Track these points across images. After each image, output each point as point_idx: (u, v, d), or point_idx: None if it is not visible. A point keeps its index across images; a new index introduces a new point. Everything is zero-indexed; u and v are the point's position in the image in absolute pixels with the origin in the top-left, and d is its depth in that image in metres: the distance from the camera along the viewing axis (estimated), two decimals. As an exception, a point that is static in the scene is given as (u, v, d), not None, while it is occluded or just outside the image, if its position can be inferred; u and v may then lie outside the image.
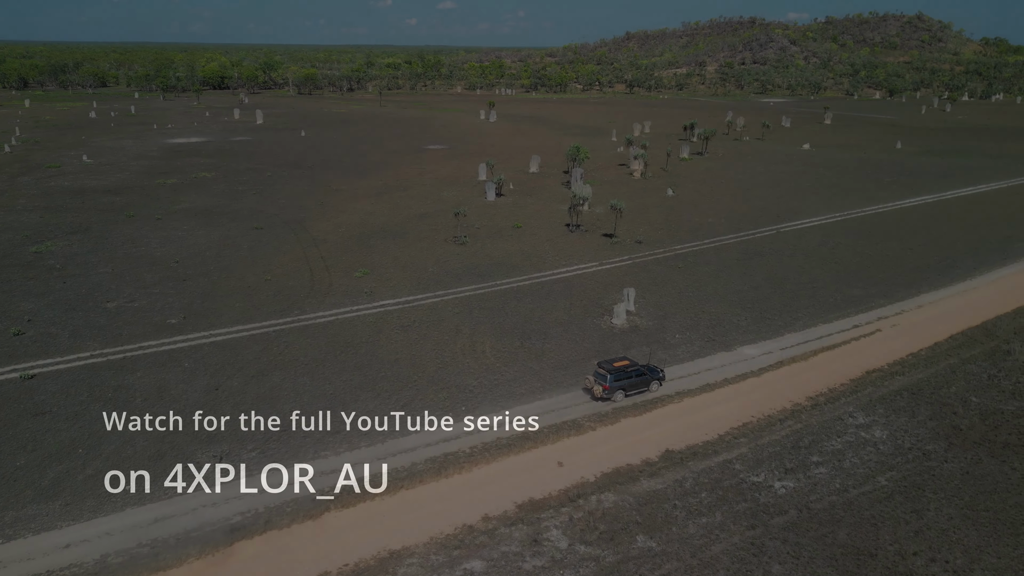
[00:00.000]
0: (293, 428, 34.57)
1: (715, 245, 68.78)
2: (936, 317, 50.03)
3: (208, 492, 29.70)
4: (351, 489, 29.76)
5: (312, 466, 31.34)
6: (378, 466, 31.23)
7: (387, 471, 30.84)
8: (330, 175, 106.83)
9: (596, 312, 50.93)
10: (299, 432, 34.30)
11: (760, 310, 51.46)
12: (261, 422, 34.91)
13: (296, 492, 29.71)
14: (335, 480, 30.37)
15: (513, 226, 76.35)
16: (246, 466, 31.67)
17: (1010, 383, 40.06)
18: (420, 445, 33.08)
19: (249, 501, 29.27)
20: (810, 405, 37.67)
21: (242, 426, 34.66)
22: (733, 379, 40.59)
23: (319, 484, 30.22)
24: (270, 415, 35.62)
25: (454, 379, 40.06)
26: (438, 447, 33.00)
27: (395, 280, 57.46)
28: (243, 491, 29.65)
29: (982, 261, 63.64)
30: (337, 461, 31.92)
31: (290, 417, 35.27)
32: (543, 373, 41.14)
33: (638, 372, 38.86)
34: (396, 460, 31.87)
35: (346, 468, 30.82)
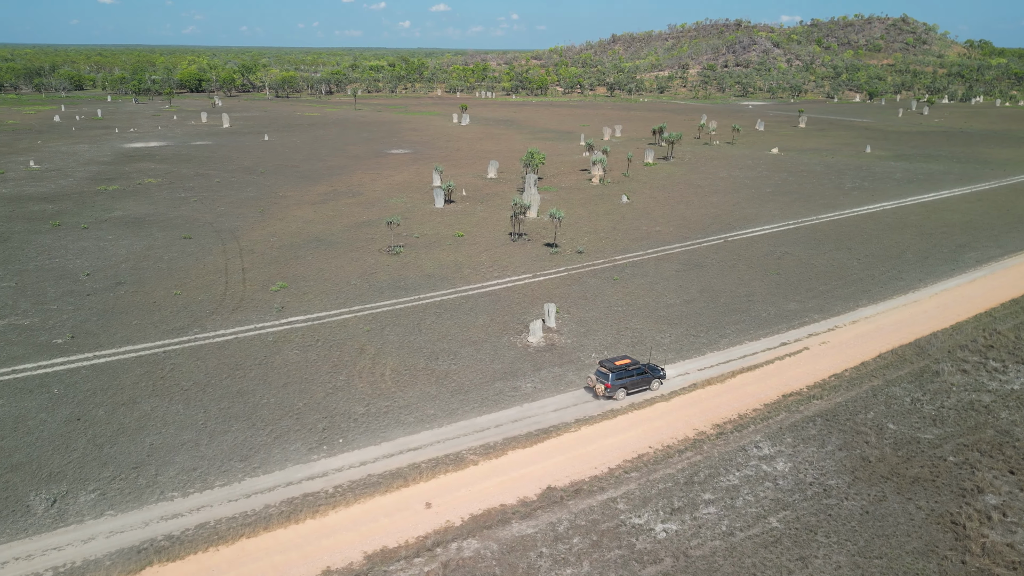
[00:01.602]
0: (142, 466, 31.75)
1: (658, 255, 66.49)
2: (869, 333, 47.78)
3: (25, 541, 26.89)
4: (185, 540, 26.90)
5: (150, 511, 28.44)
6: (224, 510, 28.36)
7: (231, 517, 27.93)
8: (281, 181, 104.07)
9: (515, 329, 48.47)
10: (148, 470, 31.46)
11: (687, 326, 49.13)
12: (112, 458, 32.13)
13: (119, 546, 26.71)
14: (172, 528, 27.53)
15: (455, 235, 73.89)
16: (78, 511, 28.84)
17: (933, 408, 37.86)
18: (280, 484, 30.43)
19: (68, 554, 26.30)
20: (715, 434, 35.29)
21: (90, 463, 31.85)
22: (640, 404, 38.18)
23: (152, 532, 27.33)
24: (125, 450, 32.79)
25: (341, 406, 37.50)
26: (299, 486, 30.35)
27: (312, 294, 54.85)
28: (59, 542, 26.67)
29: (929, 272, 61.55)
30: (183, 505, 29.01)
31: (144, 455, 32.54)
32: (439, 399, 38.63)
33: (639, 371, 39.27)
34: (248, 503, 29.20)
35: (188, 515, 27.97)
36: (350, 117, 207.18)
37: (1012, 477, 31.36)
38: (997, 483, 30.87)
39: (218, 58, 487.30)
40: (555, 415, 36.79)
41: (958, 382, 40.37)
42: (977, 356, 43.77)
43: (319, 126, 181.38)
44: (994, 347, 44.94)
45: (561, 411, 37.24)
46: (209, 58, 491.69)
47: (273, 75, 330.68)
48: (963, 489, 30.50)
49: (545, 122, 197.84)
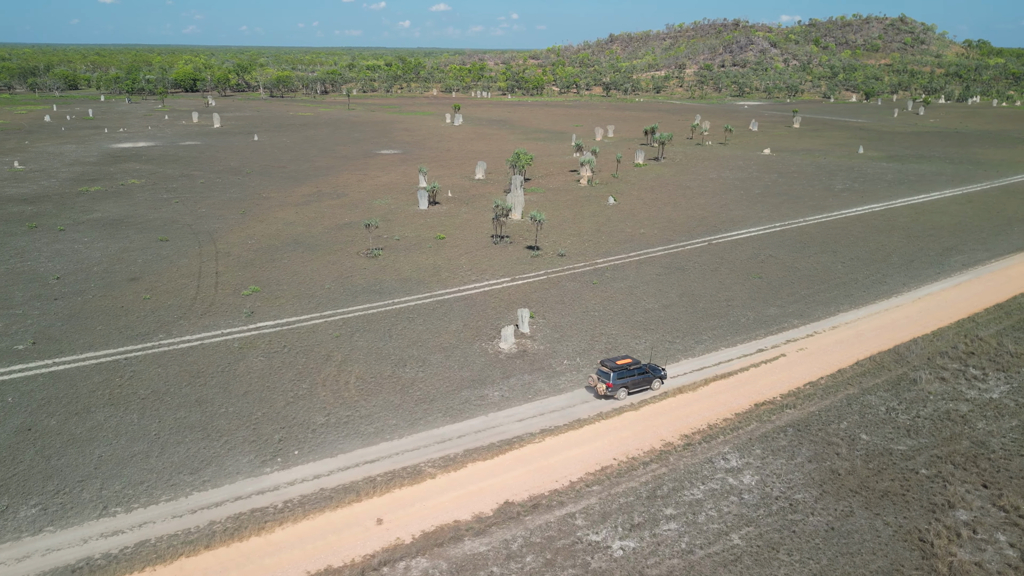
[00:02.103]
0: (88, 479, 30.69)
1: (640, 258, 65.55)
2: (848, 339, 46.81)
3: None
4: (123, 559, 25.88)
5: (91, 528, 27.37)
6: (167, 527, 27.32)
7: (173, 534, 26.91)
8: (266, 182, 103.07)
9: (488, 335, 47.52)
10: (94, 483, 30.37)
11: (663, 332, 48.21)
12: (58, 471, 31.06)
13: (54, 564, 25.63)
14: (111, 546, 26.47)
15: (436, 237, 72.95)
16: (16, 527, 27.69)
17: (908, 418, 36.94)
18: (228, 499, 29.50)
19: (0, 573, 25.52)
20: (682, 445, 34.36)
21: (35, 476, 30.80)
22: (608, 413, 37.26)
23: (90, 550, 26.29)
24: (73, 463, 31.74)
25: (301, 416, 36.55)
26: (248, 501, 29.40)
27: (284, 299, 53.89)
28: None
29: (914, 276, 60.61)
30: (126, 521, 27.96)
31: (91, 467, 31.51)
32: (403, 408, 37.71)
33: (640, 371, 39.37)
34: (193, 519, 28.25)
35: (129, 532, 26.92)
36: (343, 117, 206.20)
37: (985, 491, 30.46)
38: (969, 497, 29.96)
39: (216, 58, 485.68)
40: (520, 425, 35.86)
41: (936, 390, 39.47)
42: (957, 363, 42.84)
43: (311, 126, 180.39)
44: (975, 354, 44.00)
45: (527, 421, 36.29)
46: (207, 58, 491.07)
47: (268, 75, 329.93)
48: (933, 504, 29.59)
49: (538, 122, 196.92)
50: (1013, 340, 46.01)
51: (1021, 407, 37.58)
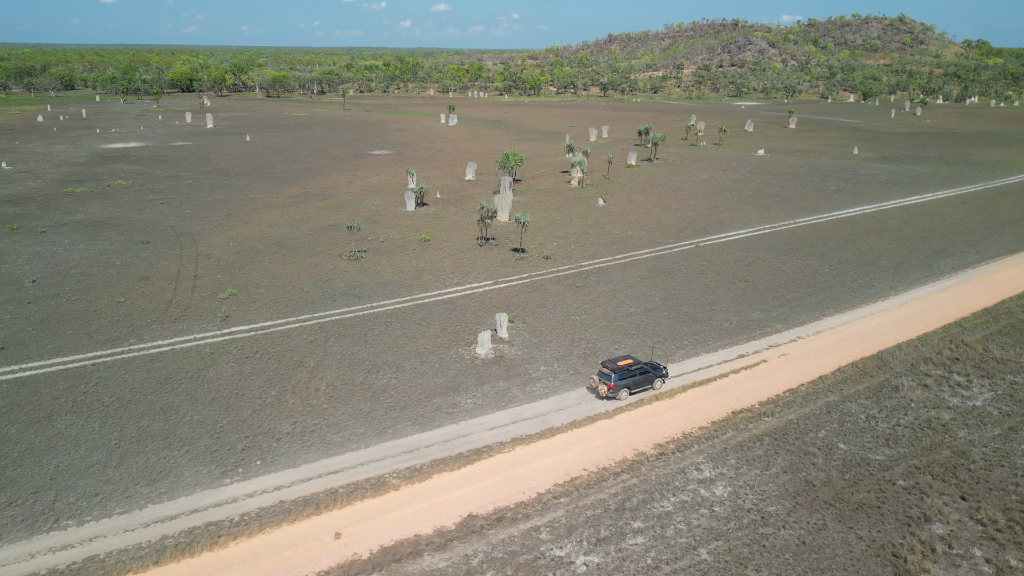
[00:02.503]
0: (42, 491, 29.87)
1: (625, 261, 64.77)
2: (832, 345, 46.02)
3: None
4: (68, 575, 25.12)
5: (40, 542, 26.55)
6: (118, 542, 26.46)
7: (123, 549, 26.08)
8: (254, 183, 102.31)
9: (465, 340, 46.76)
10: (47, 495, 29.58)
11: (644, 337, 47.39)
12: (13, 482, 30.18)
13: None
14: (59, 561, 25.71)
15: (421, 239, 72.17)
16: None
17: (888, 426, 36.17)
18: (184, 512, 28.72)
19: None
20: (655, 455, 33.60)
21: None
22: (581, 421, 36.51)
23: (36, 566, 25.47)
24: (29, 473, 30.93)
25: (267, 424, 35.78)
26: (204, 514, 28.64)
27: (261, 302, 53.13)
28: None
29: (902, 279, 59.81)
30: (76, 535, 27.14)
31: (47, 478, 30.65)
32: (372, 416, 36.96)
33: (642, 370, 39.35)
34: (146, 533, 27.42)
35: (78, 547, 26.10)
36: (338, 117, 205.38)
37: (963, 504, 29.68)
38: (946, 510, 29.18)
39: (215, 58, 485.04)
40: (491, 434, 35.07)
41: (918, 398, 38.68)
42: (941, 370, 42.06)
43: (305, 126, 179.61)
44: (960, 360, 43.22)
45: (498, 429, 35.50)
46: (205, 58, 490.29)
47: (265, 75, 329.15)
48: (909, 517, 28.80)
49: (534, 123, 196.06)
50: (999, 345, 45.24)
51: (1005, 415, 36.83)
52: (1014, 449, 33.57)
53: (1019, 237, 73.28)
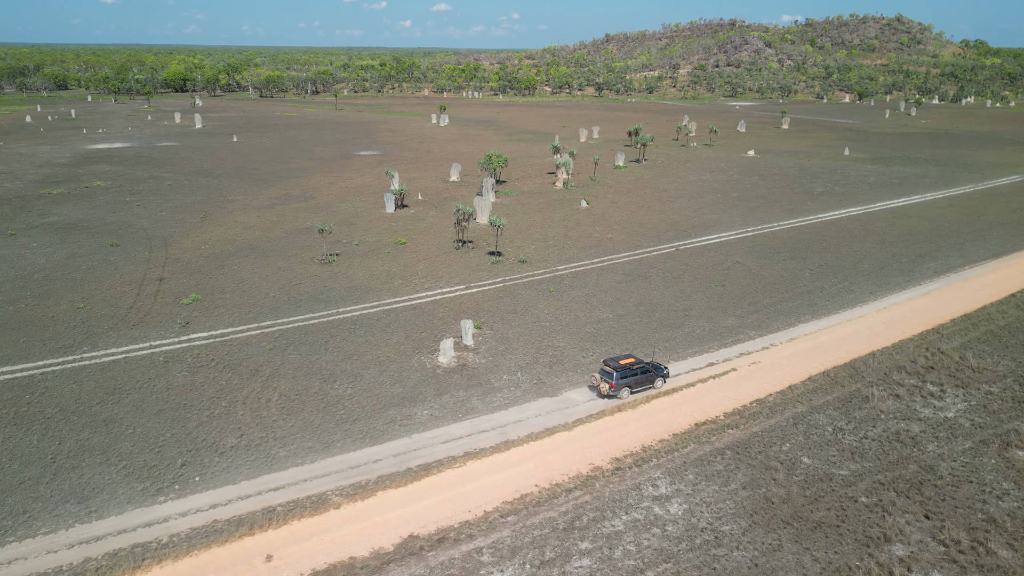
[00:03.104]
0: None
1: (603, 265, 63.60)
2: (805, 352, 44.82)
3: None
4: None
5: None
6: (37, 565, 25.18)
7: (42, 573, 24.73)
8: (235, 184, 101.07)
9: (429, 347, 45.57)
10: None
11: (613, 345, 46.17)
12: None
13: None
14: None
15: (397, 242, 70.98)
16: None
17: (855, 439, 35.00)
18: (112, 532, 27.44)
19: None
20: (611, 469, 32.40)
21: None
22: (539, 434, 35.30)
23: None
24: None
25: (212, 437, 34.60)
26: (132, 535, 27.38)
27: (224, 308, 51.93)
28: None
29: (883, 284, 58.63)
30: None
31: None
32: (322, 429, 35.79)
33: (643, 370, 39.53)
34: (68, 555, 26.15)
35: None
36: (329, 117, 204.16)
37: (926, 523, 28.52)
38: (908, 530, 28.03)
39: (212, 58, 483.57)
40: (444, 448, 33.91)
41: (888, 409, 37.51)
42: (914, 379, 40.88)
43: (294, 127, 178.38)
44: (934, 368, 42.04)
45: (452, 443, 34.33)
46: (204, 57, 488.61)
47: (259, 75, 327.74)
48: (869, 537, 27.63)
49: (526, 123, 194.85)
50: (976, 353, 44.06)
51: (977, 427, 35.68)
52: (984, 464, 32.43)
53: (1005, 240, 72.15)
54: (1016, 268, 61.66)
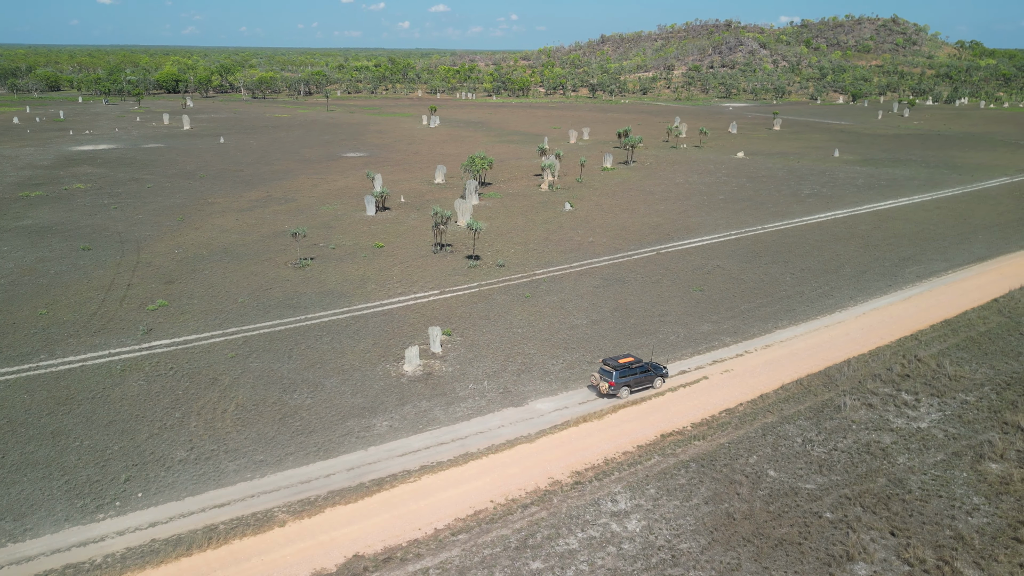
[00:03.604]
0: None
1: (581, 269, 62.61)
2: (779, 360, 43.83)
3: None
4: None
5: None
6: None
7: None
8: (217, 186, 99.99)
9: (396, 355, 44.49)
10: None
11: (584, 352, 45.23)
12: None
13: None
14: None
15: (374, 246, 69.96)
16: None
17: (824, 451, 34.07)
18: (44, 552, 26.20)
19: None
20: (571, 483, 31.40)
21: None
22: (500, 446, 34.31)
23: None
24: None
25: (161, 450, 33.56)
26: (65, 555, 26.23)
27: (190, 314, 50.89)
28: None
29: (863, 288, 57.70)
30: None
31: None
32: (276, 441, 34.76)
33: (643, 369, 39.61)
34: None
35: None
36: (319, 119, 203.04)
37: (892, 540, 27.56)
38: (872, 548, 27.08)
39: (208, 58, 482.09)
40: (400, 461, 32.86)
41: (860, 419, 36.56)
42: (889, 387, 39.95)
43: (283, 128, 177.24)
44: (910, 376, 41.11)
45: (409, 456, 33.31)
46: (199, 58, 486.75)
47: (252, 75, 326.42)
48: (831, 556, 26.65)
49: (517, 124, 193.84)
50: (954, 361, 43.13)
51: (950, 438, 34.77)
52: (955, 477, 31.52)
53: (991, 243, 71.30)
54: (1000, 272, 60.85)
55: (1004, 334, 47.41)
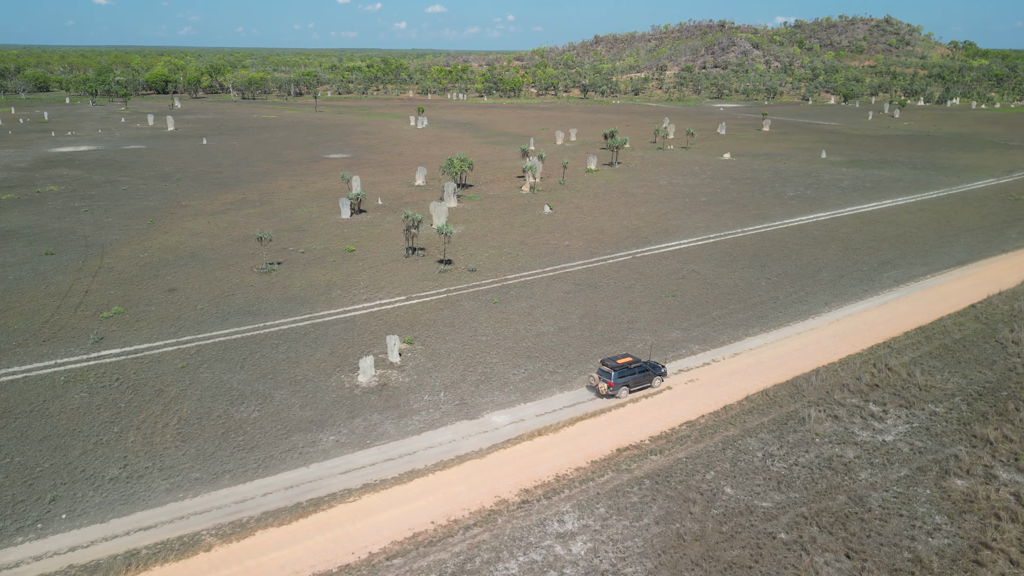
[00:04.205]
0: None
1: (554, 274, 61.35)
2: (747, 369, 42.62)
3: None
4: None
5: None
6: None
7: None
8: (193, 188, 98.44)
9: (352, 365, 42.90)
10: None
11: (547, 361, 43.93)
12: None
13: None
14: None
15: (345, 250, 68.59)
16: None
17: (784, 466, 32.86)
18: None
19: None
20: (518, 503, 30.11)
21: None
22: (449, 462, 32.99)
23: None
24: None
25: (94, 467, 32.12)
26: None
27: (146, 321, 49.46)
28: None
29: (839, 294, 56.54)
30: None
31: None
32: (215, 458, 33.32)
33: (641, 368, 39.72)
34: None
35: None
36: (306, 119, 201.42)
37: (846, 563, 26.35)
38: (825, 572, 25.80)
39: (202, 59, 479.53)
40: (342, 479, 31.52)
41: (824, 431, 35.37)
42: (857, 398, 38.80)
43: (269, 129, 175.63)
44: (879, 386, 39.93)
45: (353, 473, 31.96)
46: (194, 59, 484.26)
47: (242, 76, 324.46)
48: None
49: (506, 125, 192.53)
50: (925, 370, 41.97)
51: (916, 452, 33.61)
52: (917, 494, 30.35)
53: (972, 247, 70.29)
54: (980, 276, 59.79)
55: (979, 342, 46.33)
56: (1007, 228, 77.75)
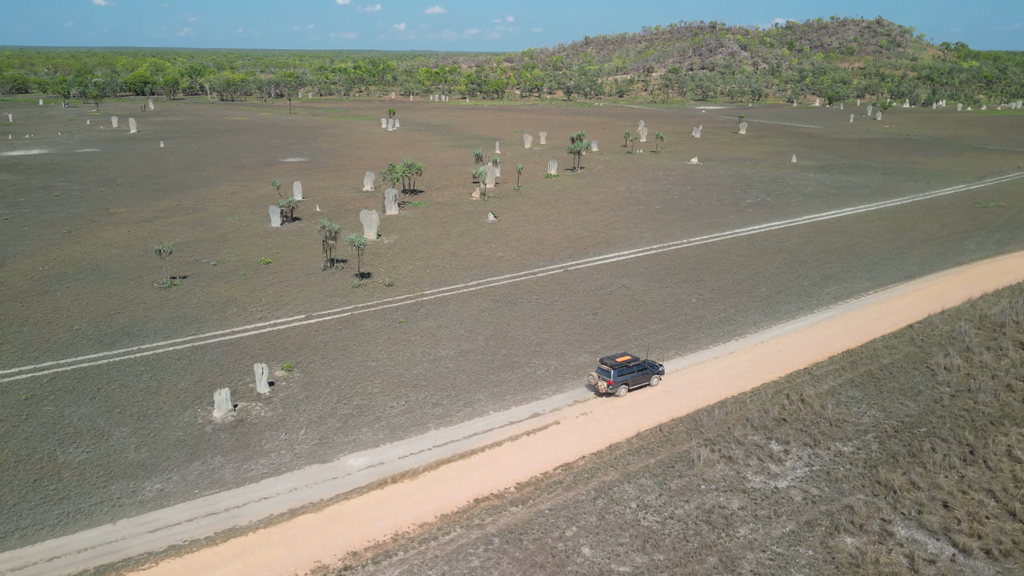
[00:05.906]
0: None
1: (475, 289, 57.51)
2: (645, 400, 38.58)
3: None
4: None
5: None
6: None
7: None
8: (129, 194, 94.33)
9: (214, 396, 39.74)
10: None
11: (431, 391, 40.06)
12: None
13: None
14: None
15: (261, 262, 64.71)
16: None
17: (658, 520, 29.05)
18: None
19: None
20: (340, 568, 26.17)
21: None
22: (279, 517, 28.77)
23: None
24: None
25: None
26: None
27: (10, 344, 45.05)
28: None
29: (771, 312, 52.72)
30: None
31: None
32: (14, 512, 28.70)
33: (640, 367, 40.00)
34: None
35: None
36: (278, 121, 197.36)
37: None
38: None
39: (195, 59, 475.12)
40: (146, 540, 27.28)
41: (713, 476, 31.59)
42: (760, 435, 35.09)
43: (235, 131, 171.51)
44: (787, 421, 36.24)
45: (161, 532, 27.78)
46: (184, 59, 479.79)
47: (224, 77, 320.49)
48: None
49: (480, 128, 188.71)
50: (841, 401, 38.21)
51: (809, 502, 29.84)
52: (797, 556, 26.65)
53: (925, 259, 66.58)
54: (925, 293, 56.07)
55: (908, 368, 42.63)
56: (966, 239, 74.15)
